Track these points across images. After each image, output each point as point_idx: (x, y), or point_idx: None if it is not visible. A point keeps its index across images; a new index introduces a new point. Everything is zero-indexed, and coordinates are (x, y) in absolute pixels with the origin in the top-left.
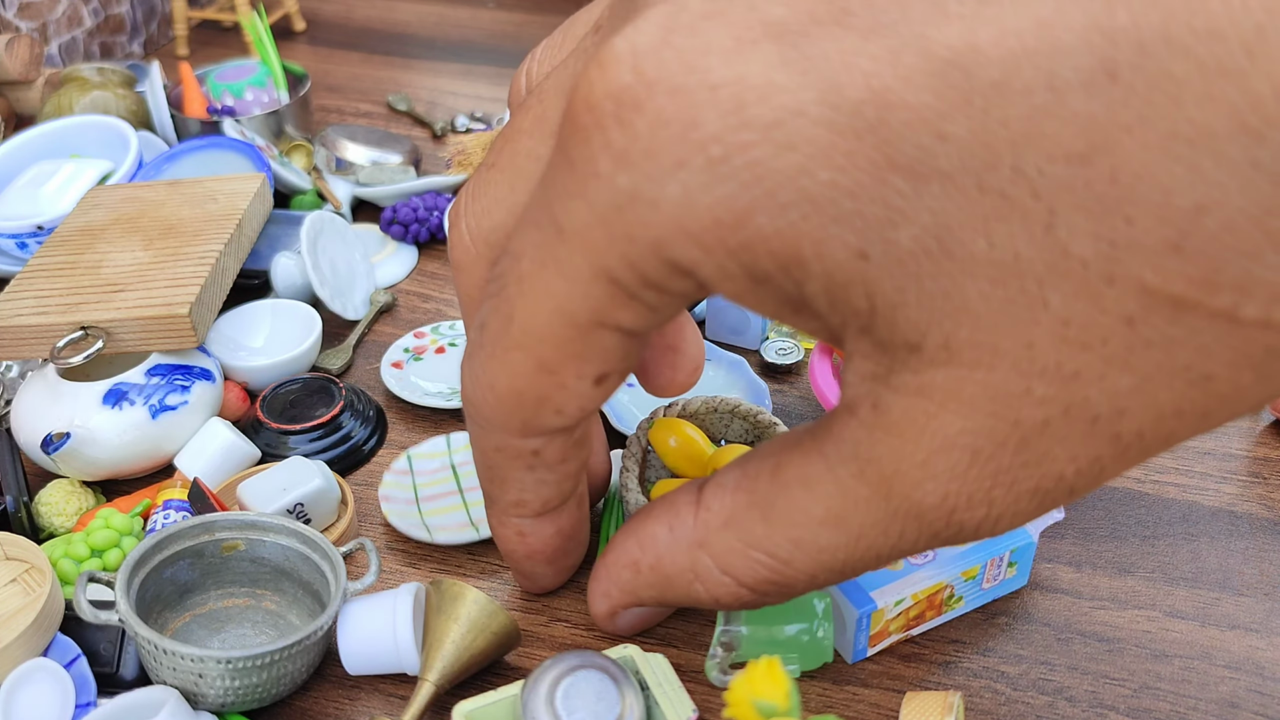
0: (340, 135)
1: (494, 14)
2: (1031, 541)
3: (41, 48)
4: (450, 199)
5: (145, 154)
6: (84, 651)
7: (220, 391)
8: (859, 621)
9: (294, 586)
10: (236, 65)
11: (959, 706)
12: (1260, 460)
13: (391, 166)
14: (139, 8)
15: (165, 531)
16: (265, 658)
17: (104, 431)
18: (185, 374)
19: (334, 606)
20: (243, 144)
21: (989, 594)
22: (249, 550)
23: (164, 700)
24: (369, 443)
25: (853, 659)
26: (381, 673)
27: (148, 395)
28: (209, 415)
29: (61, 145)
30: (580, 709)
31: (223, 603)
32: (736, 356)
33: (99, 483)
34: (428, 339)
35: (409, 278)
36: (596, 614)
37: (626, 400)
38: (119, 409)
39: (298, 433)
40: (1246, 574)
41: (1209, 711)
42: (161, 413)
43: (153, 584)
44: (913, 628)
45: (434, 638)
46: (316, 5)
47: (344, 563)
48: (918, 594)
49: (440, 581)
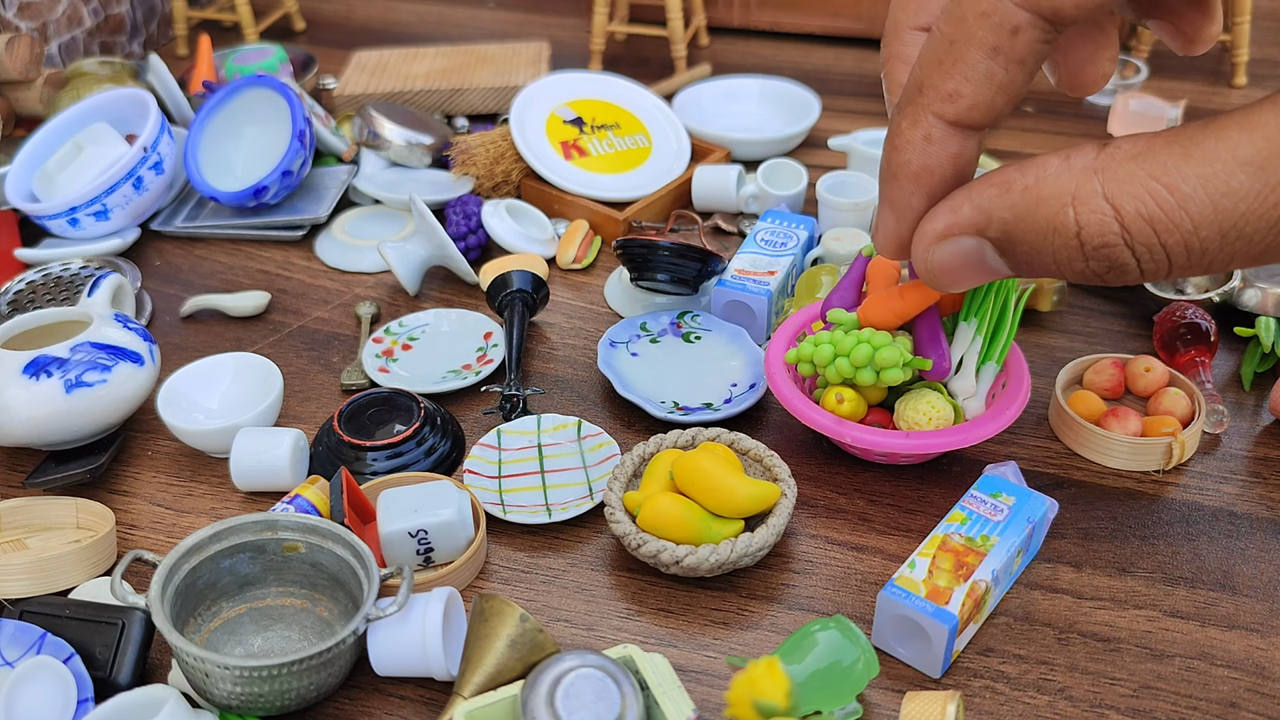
0: (379, 111)
1: (494, 14)
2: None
3: (41, 47)
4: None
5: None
6: (80, 655)
7: (151, 376)
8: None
9: (346, 597)
10: (256, 49)
11: (959, 706)
12: (1260, 460)
13: (419, 149)
14: (139, 8)
15: (226, 523)
16: (264, 670)
17: (17, 401)
18: (111, 353)
19: (346, 630)
20: (279, 85)
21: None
22: (309, 554)
23: (164, 700)
24: (450, 458)
25: (940, 674)
26: (409, 675)
27: (67, 370)
28: (132, 398)
29: (86, 120)
30: (580, 709)
31: (281, 600)
32: (737, 327)
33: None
34: (386, 342)
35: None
36: (925, 230)
37: (635, 373)
38: (37, 380)
39: (374, 449)
40: (1246, 574)
41: (1209, 711)
42: (76, 388)
43: (208, 571)
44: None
45: (474, 655)
46: (316, 5)
47: (379, 585)
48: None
49: (487, 598)
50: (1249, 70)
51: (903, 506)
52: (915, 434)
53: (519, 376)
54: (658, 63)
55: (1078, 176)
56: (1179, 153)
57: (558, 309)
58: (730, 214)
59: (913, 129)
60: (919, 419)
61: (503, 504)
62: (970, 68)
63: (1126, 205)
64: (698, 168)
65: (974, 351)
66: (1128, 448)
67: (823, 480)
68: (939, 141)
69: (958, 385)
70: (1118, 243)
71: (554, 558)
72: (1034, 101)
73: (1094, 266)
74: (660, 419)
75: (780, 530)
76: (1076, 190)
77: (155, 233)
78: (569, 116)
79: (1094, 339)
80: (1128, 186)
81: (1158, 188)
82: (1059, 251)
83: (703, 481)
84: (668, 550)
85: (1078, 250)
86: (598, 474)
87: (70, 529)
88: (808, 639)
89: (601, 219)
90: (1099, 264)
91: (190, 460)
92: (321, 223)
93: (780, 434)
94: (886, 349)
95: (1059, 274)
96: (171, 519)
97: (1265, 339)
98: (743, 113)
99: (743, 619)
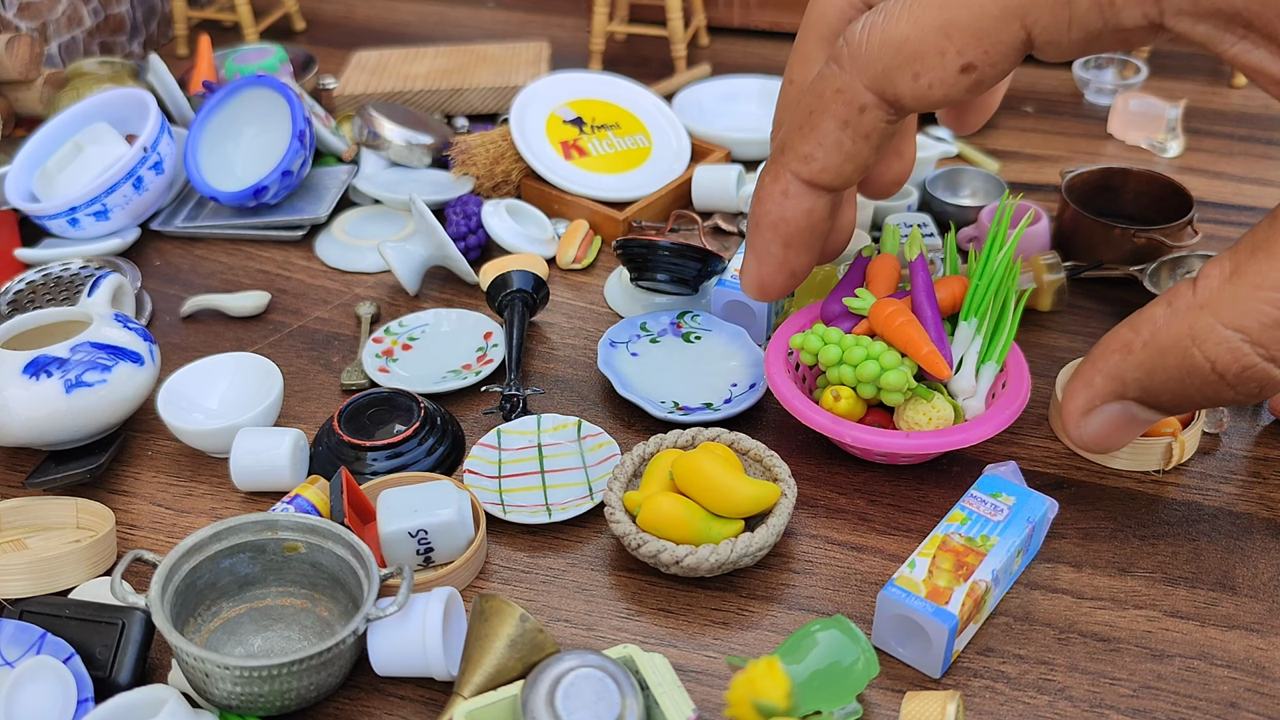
0: (379, 111)
1: (494, 14)
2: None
3: (41, 47)
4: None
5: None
6: (80, 655)
7: (151, 376)
8: (949, 635)
9: (346, 597)
10: (256, 49)
11: (959, 706)
12: (1260, 460)
13: (419, 149)
14: (139, 7)
15: (226, 523)
16: (264, 670)
17: (17, 401)
18: (111, 354)
19: (346, 630)
20: (279, 85)
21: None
22: (309, 554)
23: (164, 700)
24: (450, 458)
25: (940, 674)
26: (409, 675)
27: (67, 370)
28: (132, 398)
29: (86, 120)
30: (580, 709)
31: (281, 600)
32: (737, 327)
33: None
34: (386, 342)
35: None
36: (1070, 410)
37: (632, 372)
38: (37, 380)
39: (374, 449)
40: (1246, 574)
41: (1209, 711)
42: (76, 388)
43: (208, 571)
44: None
45: (474, 655)
46: (316, 5)
47: (379, 585)
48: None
49: (487, 598)
50: None
51: (903, 506)
52: (915, 434)
53: (519, 376)
54: (658, 63)
55: (1187, 318)
56: (1264, 258)
57: (558, 309)
58: (730, 214)
59: (773, 184)
60: (919, 419)
61: (503, 504)
62: (824, 135)
63: (1252, 322)
64: (698, 168)
65: (974, 351)
66: (1127, 448)
67: (823, 480)
68: (794, 196)
69: (958, 385)
70: (1256, 362)
71: (554, 558)
72: (1034, 101)
73: (1243, 391)
74: (660, 419)
75: (780, 530)
76: (1193, 332)
77: (155, 233)
78: (569, 116)
79: (1094, 339)
80: (1241, 307)
81: (1268, 295)
82: (1203, 390)
83: (703, 481)
84: (668, 550)
85: (1220, 383)
86: (598, 474)
87: (70, 529)
88: (808, 639)
89: (601, 219)
90: (1247, 387)
91: (190, 460)
92: (321, 223)
93: (780, 434)
94: (893, 373)
95: (1212, 405)
96: (171, 519)
97: None
98: (743, 113)
99: (743, 619)
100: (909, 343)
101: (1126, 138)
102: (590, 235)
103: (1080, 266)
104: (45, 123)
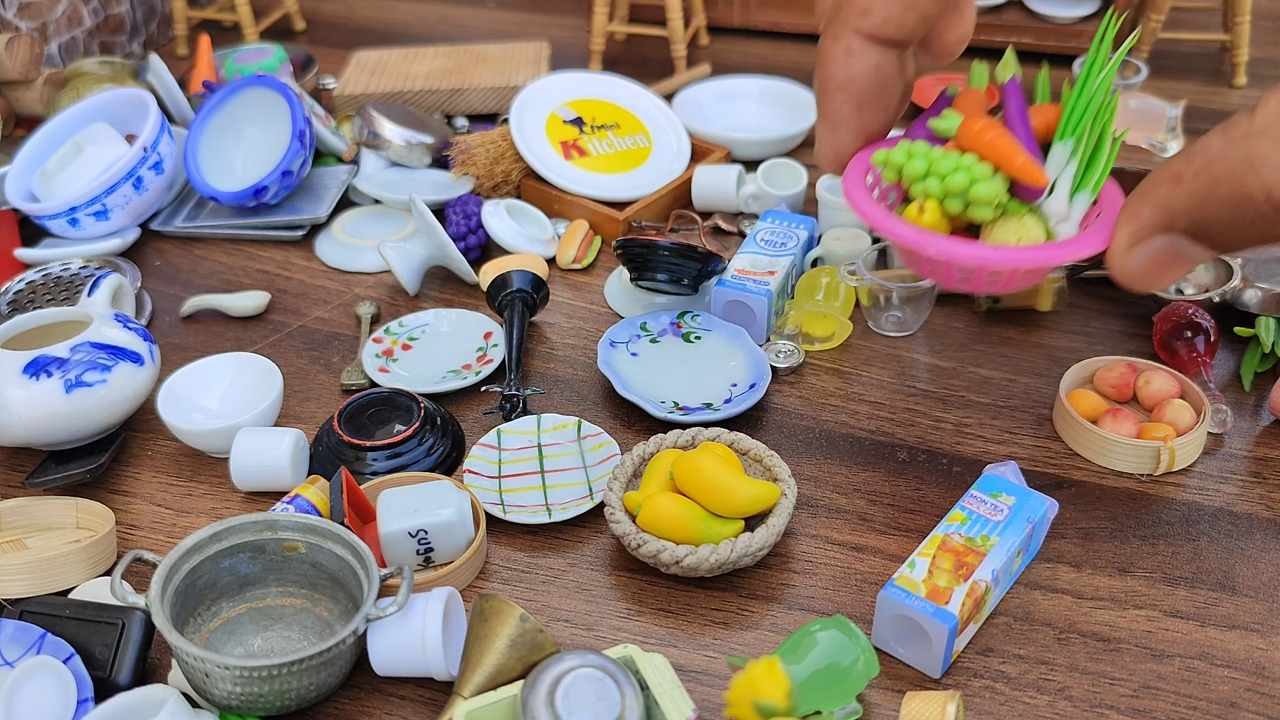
0: (379, 111)
1: (494, 14)
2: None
3: (41, 47)
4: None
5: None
6: (80, 655)
7: (151, 376)
8: (949, 635)
9: (345, 597)
10: (256, 49)
11: (959, 706)
12: (1260, 460)
13: (419, 149)
14: (139, 7)
15: (226, 523)
16: (264, 670)
17: (17, 401)
18: (111, 354)
19: (346, 630)
20: (279, 85)
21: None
22: (309, 554)
23: (164, 700)
24: (450, 458)
25: (940, 674)
26: (409, 675)
27: (67, 370)
28: (132, 398)
29: (85, 120)
30: (580, 709)
31: (281, 600)
32: (737, 327)
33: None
34: (386, 342)
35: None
36: (1117, 244)
37: (633, 373)
38: (36, 380)
39: (374, 449)
40: (1246, 574)
41: (1209, 711)
42: (76, 388)
43: (208, 571)
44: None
45: (474, 655)
46: (316, 5)
47: (379, 585)
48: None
49: (487, 598)
50: (1249, 70)
51: (903, 506)
52: (1007, 248)
53: (519, 376)
54: (658, 63)
55: (1244, 145)
56: None
57: (558, 309)
58: (730, 214)
59: (834, 45)
60: (1009, 237)
61: (503, 504)
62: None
63: None
64: (698, 168)
65: (1068, 174)
66: (1120, 448)
67: (823, 480)
68: (858, 54)
69: (1050, 207)
70: None
71: (554, 558)
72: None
73: None
74: (660, 419)
75: (780, 530)
76: (1249, 158)
77: (155, 233)
78: (569, 116)
79: (1094, 339)
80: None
81: None
82: (1255, 223)
83: (703, 481)
84: (668, 550)
85: (1272, 215)
86: (598, 474)
87: (70, 529)
88: (808, 639)
89: (601, 219)
90: None
91: (190, 460)
92: (321, 223)
93: (780, 434)
94: (984, 184)
95: (1261, 243)
96: (171, 519)
97: (1265, 339)
98: (743, 113)
99: (743, 619)
100: (1002, 155)
101: (1126, 138)
102: (590, 235)
103: (1080, 266)
104: (45, 123)
